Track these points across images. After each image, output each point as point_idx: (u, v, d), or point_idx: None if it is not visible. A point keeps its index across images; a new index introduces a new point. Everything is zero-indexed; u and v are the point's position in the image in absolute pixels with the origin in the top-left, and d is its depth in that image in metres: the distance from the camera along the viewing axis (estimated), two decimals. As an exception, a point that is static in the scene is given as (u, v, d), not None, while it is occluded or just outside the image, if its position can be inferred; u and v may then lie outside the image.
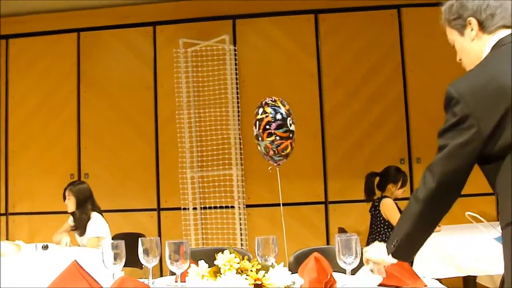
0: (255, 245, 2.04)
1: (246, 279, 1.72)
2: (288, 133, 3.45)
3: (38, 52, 5.55)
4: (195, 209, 5.03)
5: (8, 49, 5.61)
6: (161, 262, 2.13)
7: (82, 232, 4.00)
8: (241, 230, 4.86)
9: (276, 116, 3.43)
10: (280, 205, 3.65)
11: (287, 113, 3.49)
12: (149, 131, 5.34)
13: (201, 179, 5.09)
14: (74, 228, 4.09)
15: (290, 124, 3.46)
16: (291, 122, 3.48)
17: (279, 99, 3.56)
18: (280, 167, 3.63)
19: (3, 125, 5.52)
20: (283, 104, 3.52)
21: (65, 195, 4.10)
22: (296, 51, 5.26)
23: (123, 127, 5.37)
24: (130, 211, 5.27)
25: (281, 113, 3.44)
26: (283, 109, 3.48)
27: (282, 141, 3.44)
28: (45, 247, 3.59)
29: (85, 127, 5.43)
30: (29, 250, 3.54)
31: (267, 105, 3.49)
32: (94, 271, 1.93)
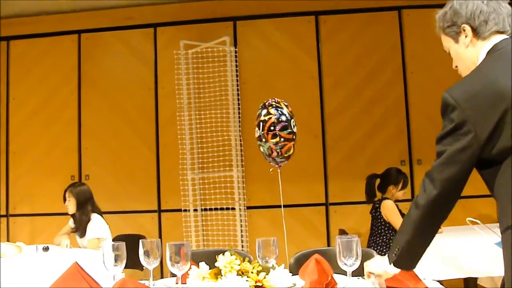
0: (255, 246, 2.04)
1: (247, 280, 1.72)
2: (291, 135, 3.43)
3: (39, 53, 5.56)
4: (195, 210, 5.03)
5: (9, 50, 5.61)
6: (161, 264, 2.13)
7: (83, 233, 4.00)
8: (241, 231, 4.86)
9: (281, 117, 3.40)
10: (281, 206, 3.64)
11: (291, 114, 3.47)
12: (150, 132, 5.34)
13: (201, 181, 5.09)
14: (74, 230, 4.09)
15: (294, 126, 3.45)
16: (294, 123, 3.46)
17: (282, 100, 3.54)
18: (280, 168, 3.62)
19: (4, 126, 5.52)
20: (286, 106, 3.51)
21: (65, 196, 4.10)
22: (296, 52, 5.26)
23: (124, 128, 5.37)
24: (131, 212, 5.27)
25: (285, 115, 3.42)
26: (286, 110, 3.46)
27: (286, 142, 3.42)
28: (46, 249, 3.60)
29: (86, 128, 5.43)
30: (30, 251, 3.55)
31: (271, 106, 3.45)
32: (94, 272, 1.93)
